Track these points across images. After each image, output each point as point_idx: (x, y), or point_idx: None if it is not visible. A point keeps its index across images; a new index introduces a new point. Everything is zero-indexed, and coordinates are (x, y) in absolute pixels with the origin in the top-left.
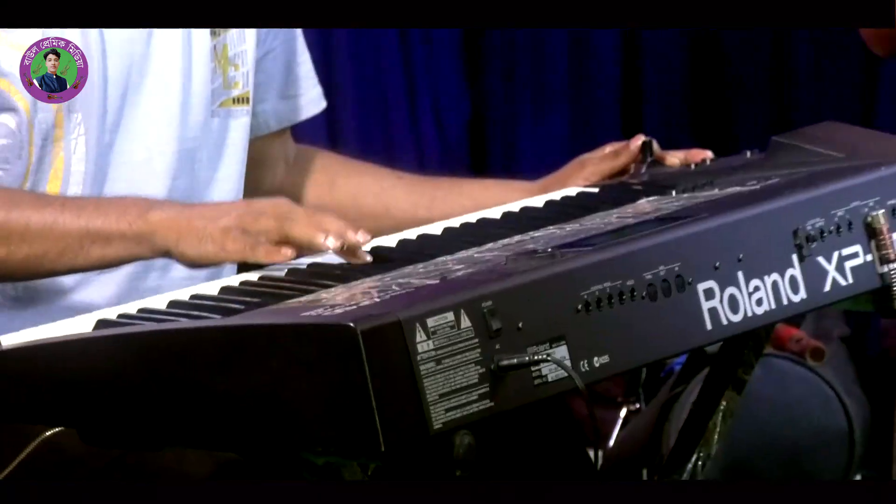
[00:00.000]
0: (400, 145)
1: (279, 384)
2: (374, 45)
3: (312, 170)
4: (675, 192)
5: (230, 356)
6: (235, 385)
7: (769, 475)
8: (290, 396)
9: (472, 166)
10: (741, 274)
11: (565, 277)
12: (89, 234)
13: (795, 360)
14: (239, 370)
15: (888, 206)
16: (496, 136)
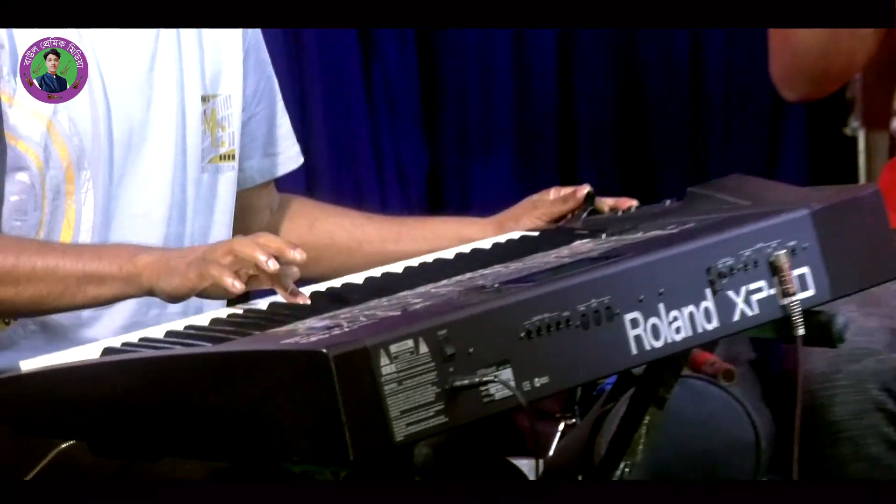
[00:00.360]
0: (368, 194)
1: (262, 402)
2: (345, 110)
3: (294, 214)
4: (605, 235)
5: (219, 378)
6: (224, 403)
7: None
8: (271, 413)
9: (431, 210)
10: (662, 306)
11: (510, 309)
12: (86, 277)
13: (709, 380)
14: (227, 390)
15: (788, 246)
16: (451, 185)
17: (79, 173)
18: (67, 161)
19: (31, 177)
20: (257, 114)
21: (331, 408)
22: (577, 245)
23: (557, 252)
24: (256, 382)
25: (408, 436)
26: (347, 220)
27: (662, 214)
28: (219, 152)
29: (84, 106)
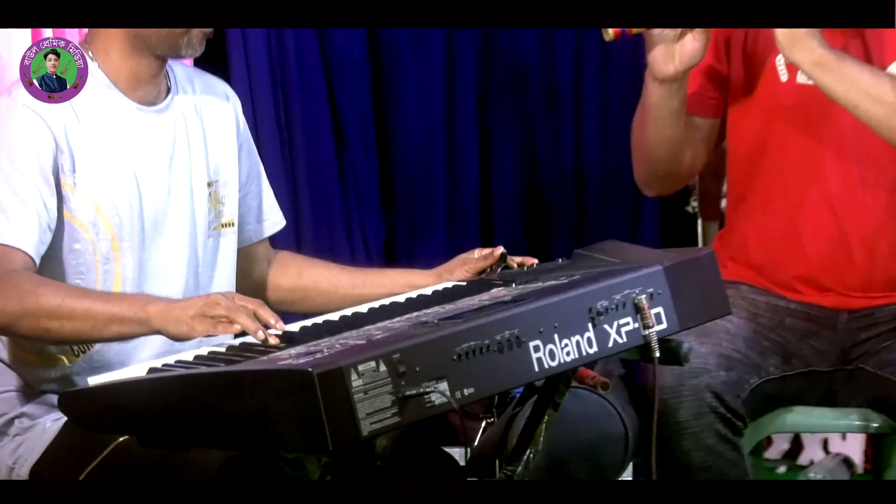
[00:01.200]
0: (341, 252)
1: (264, 406)
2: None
3: (286, 265)
4: (514, 284)
5: (233, 389)
6: (236, 407)
7: (574, 465)
8: (271, 414)
9: (387, 265)
10: (556, 336)
11: (446, 339)
12: (110, 318)
13: (591, 390)
14: (238, 398)
15: (647, 292)
16: (401, 247)
17: (120, 243)
18: (112, 234)
19: (84, 246)
20: (250, 192)
21: (314, 411)
22: (494, 291)
23: (480, 297)
24: (260, 392)
25: (371, 431)
26: (326, 270)
27: (556, 269)
28: (220, 221)
29: (122, 195)
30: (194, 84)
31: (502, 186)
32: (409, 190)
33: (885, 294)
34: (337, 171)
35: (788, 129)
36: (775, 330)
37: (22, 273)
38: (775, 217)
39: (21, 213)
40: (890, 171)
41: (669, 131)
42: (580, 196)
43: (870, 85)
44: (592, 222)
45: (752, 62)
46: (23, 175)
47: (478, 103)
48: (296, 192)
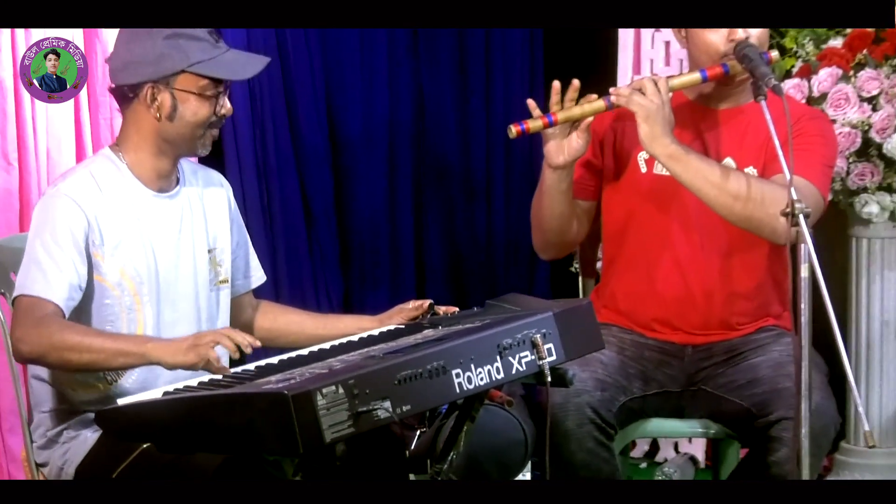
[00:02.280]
0: (309, 303)
1: (251, 420)
2: (295, 258)
3: (266, 311)
4: (440, 327)
5: (227, 407)
6: (231, 421)
7: (487, 464)
8: (256, 426)
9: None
10: (473, 365)
11: (389, 368)
12: (117, 352)
13: (499, 405)
14: (232, 414)
15: (541, 332)
16: (355, 299)
17: (141, 298)
18: (134, 291)
19: (113, 301)
20: (239, 255)
21: (289, 423)
22: (425, 332)
23: (415, 336)
24: (248, 410)
25: (333, 439)
26: (297, 316)
27: (472, 315)
28: (218, 279)
29: (141, 261)
30: (197, 176)
31: (432, 253)
32: (360, 255)
33: (720, 333)
34: (306, 239)
35: (647, 208)
36: (637, 360)
37: (51, 318)
38: (637, 275)
39: (55, 275)
40: (723, 239)
41: (560, 208)
42: (490, 259)
43: (709, 173)
44: (500, 279)
45: (619, 157)
46: (60, 248)
47: (413, 188)
48: (275, 256)
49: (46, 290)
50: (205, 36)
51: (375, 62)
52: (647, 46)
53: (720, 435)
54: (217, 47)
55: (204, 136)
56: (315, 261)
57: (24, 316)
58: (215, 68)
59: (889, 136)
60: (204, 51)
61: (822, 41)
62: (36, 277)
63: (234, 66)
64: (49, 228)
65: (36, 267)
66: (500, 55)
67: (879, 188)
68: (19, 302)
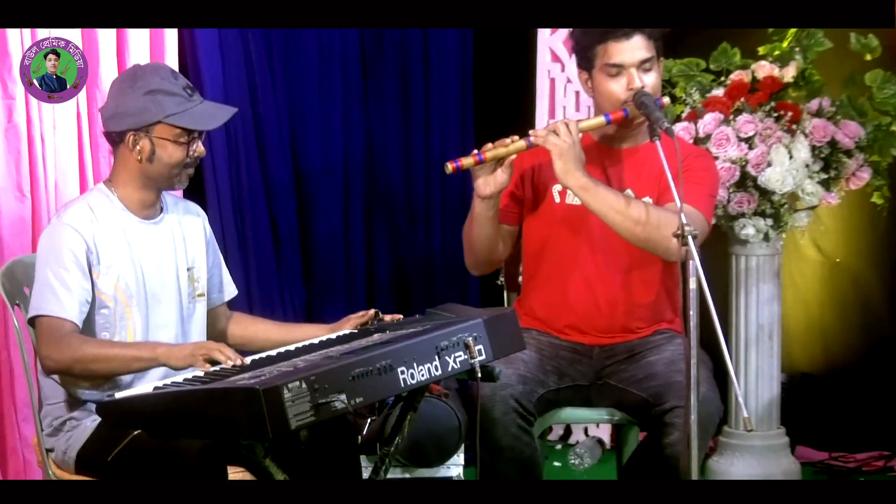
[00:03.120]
0: (276, 314)
1: (228, 410)
2: (261, 271)
3: (239, 321)
4: (387, 332)
5: (208, 399)
6: (210, 411)
7: (427, 446)
8: (233, 415)
9: (306, 321)
10: (415, 364)
11: (344, 367)
12: (133, 358)
13: (437, 397)
14: (211, 405)
15: (473, 336)
16: (315, 309)
17: (131, 309)
18: (125, 303)
19: (108, 311)
20: (214, 273)
21: (260, 412)
22: (374, 336)
23: (365, 340)
24: (225, 401)
25: (297, 426)
26: (264, 325)
27: (414, 321)
28: (196, 293)
29: (131, 278)
30: (178, 206)
31: (380, 269)
32: (320, 271)
33: (622, 335)
34: (274, 258)
35: (560, 233)
36: (553, 359)
37: (72, 335)
38: (553, 288)
39: (66, 295)
40: (624, 258)
41: (488, 232)
42: (430, 274)
43: (614, 202)
44: (438, 291)
45: (538, 189)
46: (67, 271)
47: (364, 214)
48: (248, 272)
49: (60, 310)
50: (179, 91)
51: (332, 108)
52: (561, 95)
53: (623, 421)
54: (190, 101)
55: (180, 175)
56: (281, 276)
57: (47, 336)
58: (186, 120)
59: (763, 170)
60: (178, 105)
61: (706, 90)
62: (49, 299)
63: (203, 118)
64: (55, 254)
65: (48, 290)
66: (437, 101)
67: (755, 214)
68: (39, 323)
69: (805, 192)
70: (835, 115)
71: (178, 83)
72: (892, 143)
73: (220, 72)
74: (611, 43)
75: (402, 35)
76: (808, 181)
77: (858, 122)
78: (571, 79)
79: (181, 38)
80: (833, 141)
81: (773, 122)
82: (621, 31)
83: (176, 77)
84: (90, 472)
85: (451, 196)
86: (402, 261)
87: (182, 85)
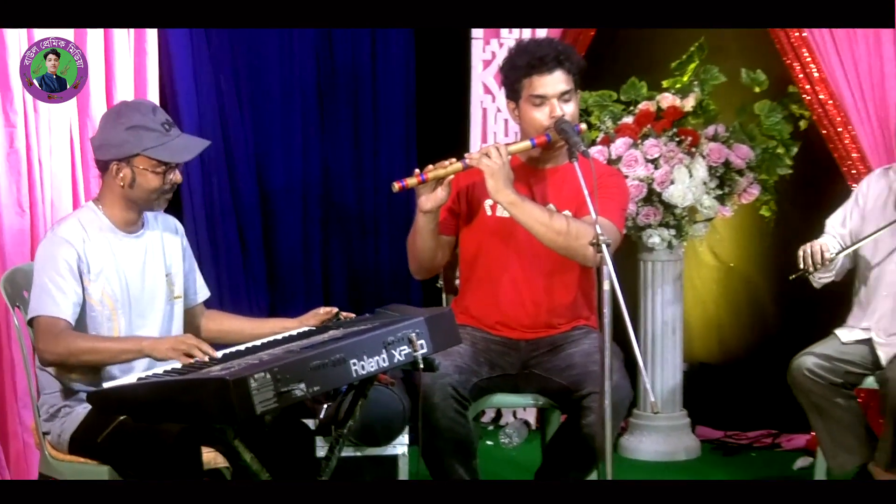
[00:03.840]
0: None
1: (201, 397)
2: (236, 279)
3: (212, 318)
4: (342, 329)
5: (184, 388)
6: (187, 399)
7: (376, 429)
8: (207, 402)
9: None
10: (365, 356)
11: (304, 359)
12: (121, 351)
13: (385, 386)
14: (187, 393)
15: (415, 332)
16: (279, 309)
17: (116, 311)
18: (111, 308)
19: (96, 313)
20: (189, 278)
21: (229, 399)
22: (331, 332)
23: (323, 335)
24: (200, 390)
25: (262, 411)
26: (236, 321)
27: (365, 320)
28: (174, 295)
29: (116, 284)
30: (157, 220)
31: (335, 274)
32: (282, 277)
33: (545, 331)
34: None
35: (491, 242)
36: (485, 352)
37: (67, 331)
38: (485, 290)
39: (61, 297)
40: (547, 264)
41: (429, 243)
42: (378, 279)
43: (539, 215)
44: (385, 293)
45: (472, 204)
46: (61, 277)
47: (321, 228)
48: (219, 277)
49: (56, 310)
50: (158, 127)
51: (292, 134)
52: (492, 122)
53: (546, 405)
54: (167, 135)
55: (158, 199)
56: (248, 281)
57: (44, 332)
58: (162, 153)
59: (666, 187)
60: (156, 139)
61: (617, 118)
62: (46, 301)
63: (177, 151)
64: (51, 262)
65: (45, 293)
66: (384, 127)
67: (660, 225)
68: (38, 322)
69: (703, 206)
70: (728, 140)
71: (157, 119)
72: (778, 163)
73: (195, 102)
74: (535, 77)
75: (354, 69)
76: (705, 196)
77: (749, 145)
78: (501, 108)
79: (161, 72)
80: (727, 162)
81: (675, 145)
82: (545, 66)
83: (156, 113)
84: (82, 452)
85: (397, 211)
86: (354, 267)
87: (161, 121)
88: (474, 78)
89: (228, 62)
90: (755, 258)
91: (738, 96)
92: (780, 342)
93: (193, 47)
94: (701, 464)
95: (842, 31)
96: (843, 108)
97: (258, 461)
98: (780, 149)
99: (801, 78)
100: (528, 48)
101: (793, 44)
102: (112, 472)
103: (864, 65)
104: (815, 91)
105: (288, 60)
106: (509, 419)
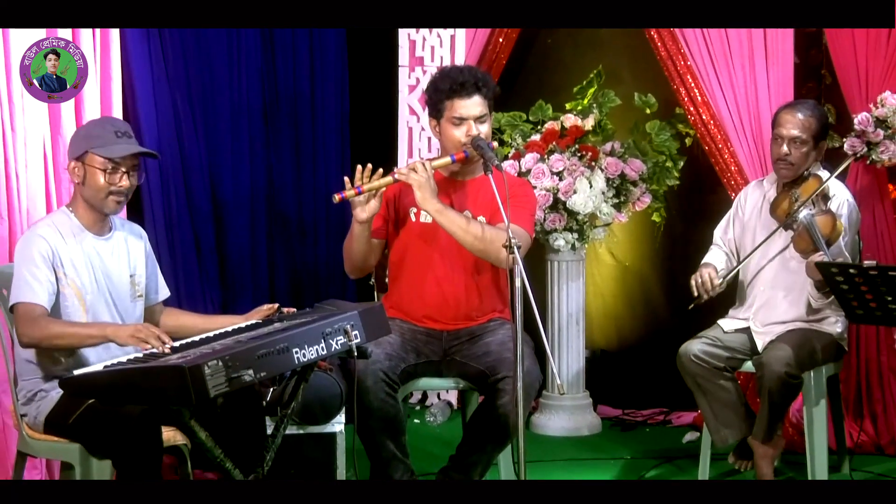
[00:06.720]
0: (200, 309)
1: (161, 383)
2: (193, 280)
3: (170, 314)
4: (285, 322)
5: (145, 374)
6: (148, 384)
7: (316, 410)
8: (166, 387)
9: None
10: (306, 345)
11: (252, 348)
12: (87, 336)
13: (324, 371)
14: (148, 379)
15: (350, 323)
16: (230, 306)
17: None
18: (80, 298)
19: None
20: (150, 279)
21: (185, 384)
22: (275, 325)
23: (268, 328)
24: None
25: (214, 394)
26: (190, 317)
27: (306, 313)
28: (136, 294)
29: (85, 278)
30: (125, 227)
31: (279, 274)
32: (232, 277)
33: (464, 322)
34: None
35: (417, 244)
36: (412, 341)
37: (42, 317)
38: (411, 287)
39: (38, 286)
40: (466, 264)
41: (363, 247)
42: (317, 277)
43: (460, 222)
44: (323, 290)
45: (400, 212)
46: (38, 268)
47: (266, 232)
48: (177, 278)
49: (34, 297)
50: (107, 133)
51: (241, 149)
52: (417, 140)
53: (466, 388)
54: (115, 140)
55: (106, 199)
56: (203, 280)
57: (23, 317)
58: (104, 151)
59: (570, 196)
60: (101, 141)
61: (526, 136)
62: (25, 289)
63: (116, 151)
64: (29, 256)
65: (24, 282)
66: (321, 144)
67: (564, 229)
68: (17, 308)
69: (602, 213)
70: (624, 155)
71: (108, 128)
72: (667, 175)
73: (155, 121)
74: (456, 100)
75: (295, 92)
76: (604, 205)
77: (641, 160)
78: (425, 127)
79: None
80: (623, 174)
81: (577, 160)
82: (465, 91)
83: (112, 124)
84: (55, 432)
85: (334, 218)
86: (296, 267)
87: (112, 130)
88: (401, 101)
89: (184, 86)
90: (648, 258)
91: (632, 117)
92: (670, 331)
93: (153, 72)
94: (602, 438)
95: (721, 60)
96: (722, 128)
97: (212, 438)
98: (669, 163)
99: (686, 101)
100: (451, 74)
101: (679, 71)
102: (82, 450)
103: (742, 89)
104: (698, 112)
105: (237, 84)
106: (434, 400)
